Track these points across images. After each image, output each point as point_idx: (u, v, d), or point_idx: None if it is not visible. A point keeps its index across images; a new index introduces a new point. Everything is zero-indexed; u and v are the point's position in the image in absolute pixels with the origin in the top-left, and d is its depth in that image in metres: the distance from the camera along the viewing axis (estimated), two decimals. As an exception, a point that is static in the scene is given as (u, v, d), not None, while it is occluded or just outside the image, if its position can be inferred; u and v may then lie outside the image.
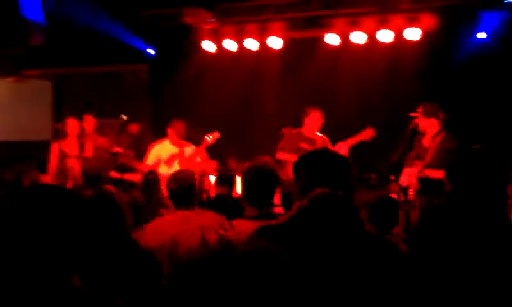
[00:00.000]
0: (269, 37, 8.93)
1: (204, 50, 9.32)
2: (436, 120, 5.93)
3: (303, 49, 8.91)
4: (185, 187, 3.87)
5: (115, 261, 2.97)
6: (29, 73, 10.80)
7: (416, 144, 6.11)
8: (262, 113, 9.23)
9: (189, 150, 7.26)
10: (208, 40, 9.26)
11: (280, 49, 8.99)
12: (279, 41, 8.93)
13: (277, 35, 8.92)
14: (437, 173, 5.02)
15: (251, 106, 9.40)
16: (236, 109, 9.27)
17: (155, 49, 9.95)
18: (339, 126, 7.60)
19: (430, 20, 8.02)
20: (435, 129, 5.90)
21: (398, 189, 6.05)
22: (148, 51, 9.93)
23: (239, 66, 9.23)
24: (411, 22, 8.13)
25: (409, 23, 8.13)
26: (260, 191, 3.42)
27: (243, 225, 3.18)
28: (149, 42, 9.87)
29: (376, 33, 8.30)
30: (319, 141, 6.95)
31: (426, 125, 5.99)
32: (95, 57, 10.09)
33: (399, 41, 8.21)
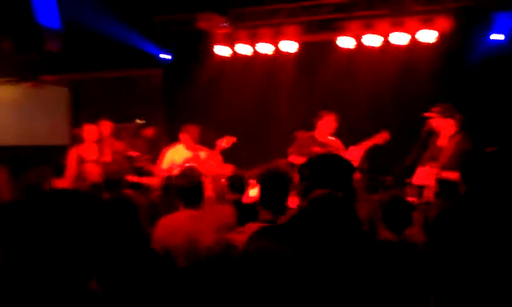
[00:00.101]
0: (283, 41, 8.97)
1: (218, 54, 9.38)
2: (453, 121, 5.91)
3: (317, 52, 8.93)
4: (193, 184, 3.89)
5: (130, 265, 3.01)
6: (46, 78, 10.92)
7: (430, 144, 6.09)
8: (277, 117, 9.26)
9: (203, 154, 7.26)
10: (222, 45, 9.32)
11: (294, 53, 9.02)
12: (293, 44, 8.96)
13: (291, 39, 8.95)
14: (454, 175, 5.01)
15: (265, 110, 9.42)
16: (250, 113, 9.30)
17: (169, 54, 10.02)
18: (353, 129, 7.60)
19: (444, 22, 8.01)
20: (452, 130, 5.87)
21: (414, 191, 6.04)
22: (163, 56, 10.01)
23: (253, 70, 9.27)
24: (425, 24, 8.11)
25: (423, 25, 8.12)
26: (274, 195, 3.47)
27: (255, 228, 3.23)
28: (163, 47, 9.95)
29: (390, 36, 8.30)
30: (332, 145, 6.89)
31: (442, 126, 5.96)
32: (111, 62, 10.20)
33: (413, 43, 8.19)
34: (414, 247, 3.27)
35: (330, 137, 7.03)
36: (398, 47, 8.28)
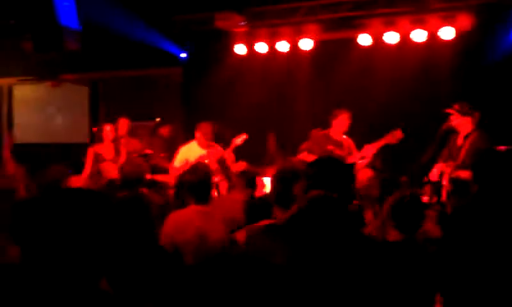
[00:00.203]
0: (301, 39, 8.92)
1: (236, 53, 9.38)
2: (471, 119, 5.82)
3: (335, 50, 8.86)
4: (202, 179, 3.88)
5: (140, 264, 3.01)
6: (66, 77, 11.05)
7: (450, 143, 6.01)
8: (294, 115, 9.20)
9: (217, 152, 7.24)
10: (240, 43, 9.31)
11: (312, 51, 8.97)
12: (311, 43, 8.91)
13: (309, 37, 8.90)
14: (467, 173, 4.93)
15: (282, 108, 9.38)
16: (268, 112, 9.29)
17: (187, 53, 10.05)
18: (371, 126, 7.54)
19: (465, 19, 7.89)
20: (468, 128, 5.79)
21: (431, 190, 5.96)
22: (181, 55, 10.04)
23: (271, 68, 9.26)
24: (446, 22, 8.01)
25: (443, 22, 8.01)
26: (288, 193, 3.43)
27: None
28: (182, 46, 9.98)
29: (410, 33, 8.20)
30: (346, 144, 6.85)
31: (460, 124, 5.88)
32: (130, 61, 10.27)
33: (433, 40, 8.09)
34: (421, 247, 3.19)
35: (344, 135, 6.97)
36: (417, 45, 8.18)
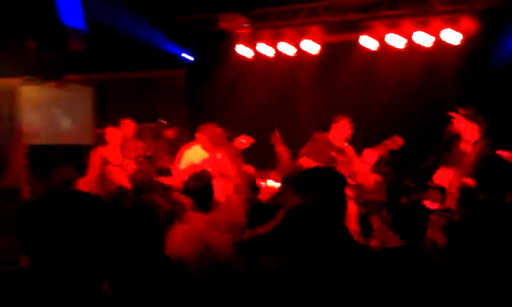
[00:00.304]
0: (305, 41, 8.92)
1: (239, 55, 9.38)
2: (476, 125, 5.79)
3: (339, 52, 8.86)
4: (204, 185, 3.88)
5: (144, 270, 3.04)
6: (71, 78, 11.05)
7: (453, 148, 5.98)
8: (298, 117, 9.21)
9: (220, 155, 7.16)
10: (244, 45, 9.32)
11: (315, 53, 8.96)
12: (315, 45, 8.91)
13: (313, 39, 8.89)
14: (474, 182, 4.91)
15: (286, 110, 9.38)
16: (271, 113, 9.29)
17: (191, 54, 10.06)
18: (375, 129, 7.53)
19: (469, 23, 7.88)
20: (475, 135, 5.75)
21: (436, 196, 5.95)
22: (185, 57, 10.05)
23: (275, 70, 9.26)
24: (449, 25, 8.01)
25: (447, 26, 8.01)
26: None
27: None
28: (186, 48, 9.99)
29: (414, 36, 8.20)
30: (347, 151, 6.79)
31: (464, 128, 5.84)
32: (134, 63, 10.27)
33: (437, 44, 8.09)
34: (420, 254, 3.17)
35: (345, 142, 6.89)
36: (421, 48, 8.18)
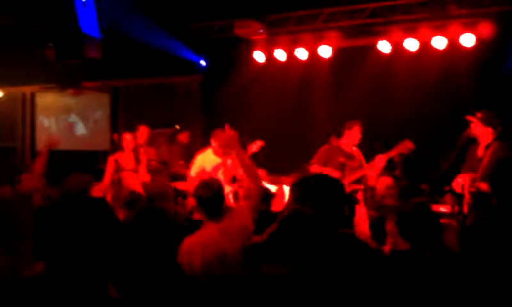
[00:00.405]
0: (321, 46, 8.92)
1: (255, 60, 9.40)
2: (491, 129, 5.70)
3: (354, 57, 8.84)
4: (214, 193, 3.84)
5: (153, 277, 3.04)
6: (88, 85, 11.16)
7: (470, 153, 5.89)
8: (313, 123, 9.19)
9: (230, 161, 7.09)
10: (259, 51, 9.34)
11: (331, 58, 8.96)
12: (330, 50, 8.90)
13: (329, 44, 8.89)
14: (486, 186, 4.81)
15: (301, 116, 9.37)
16: (287, 119, 9.29)
17: (206, 61, 10.10)
18: (391, 134, 7.47)
19: (485, 27, 7.81)
20: (489, 139, 5.67)
21: (453, 200, 5.87)
22: (201, 63, 10.10)
23: (290, 75, 9.26)
24: (466, 29, 7.94)
25: (464, 29, 7.95)
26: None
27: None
28: (201, 54, 10.03)
29: (430, 40, 8.15)
30: (356, 156, 6.73)
31: (480, 133, 5.73)
32: (150, 69, 10.35)
33: (453, 48, 8.02)
34: (427, 259, 3.11)
35: (354, 147, 6.81)
36: (437, 52, 8.12)
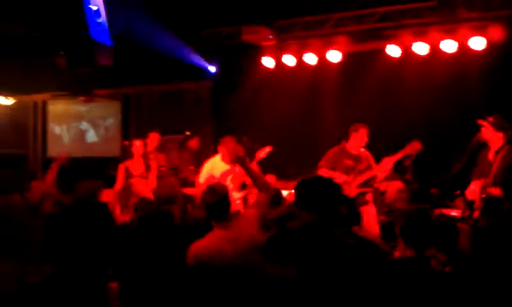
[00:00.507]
0: (330, 51, 8.91)
1: (264, 66, 9.43)
2: (502, 134, 5.64)
3: (363, 62, 8.83)
4: (221, 198, 3.85)
5: (158, 276, 3.07)
6: (99, 92, 11.24)
7: (481, 158, 5.83)
8: (322, 127, 9.17)
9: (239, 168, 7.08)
10: (268, 56, 9.36)
11: (340, 63, 8.95)
12: (339, 55, 8.89)
13: (338, 49, 8.88)
14: (498, 191, 4.76)
15: (311, 120, 9.37)
16: (297, 124, 9.29)
17: (216, 67, 10.14)
18: (401, 138, 7.43)
19: (496, 30, 7.77)
20: (499, 144, 5.61)
21: (463, 205, 5.82)
22: (210, 69, 10.14)
23: (299, 81, 9.27)
24: (476, 32, 7.91)
25: (474, 33, 7.91)
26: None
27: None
28: (210, 60, 10.07)
29: (440, 44, 8.12)
30: (364, 157, 6.72)
31: (491, 137, 5.67)
32: (161, 76, 10.40)
33: (463, 51, 7.99)
34: (427, 264, 3.07)
35: (361, 149, 6.76)
36: (447, 56, 8.09)
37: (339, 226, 2.73)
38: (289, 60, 9.28)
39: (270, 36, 9.14)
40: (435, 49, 8.17)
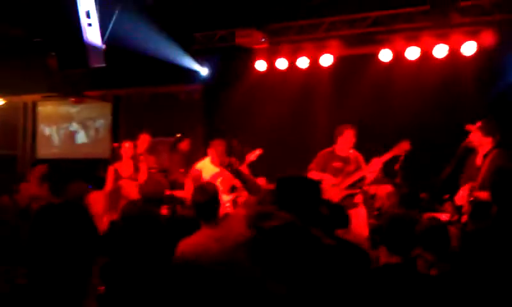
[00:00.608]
0: (323, 55, 8.93)
1: (257, 69, 9.42)
2: (491, 138, 5.65)
3: (356, 66, 8.84)
4: (210, 197, 3.83)
5: (143, 276, 3.04)
6: (89, 94, 11.19)
7: (469, 163, 5.83)
8: (314, 131, 9.16)
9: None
10: (261, 60, 9.36)
11: (332, 66, 8.97)
12: (331, 58, 8.91)
13: (330, 53, 8.91)
14: (486, 194, 4.76)
15: (303, 124, 9.37)
16: (289, 127, 9.28)
17: (208, 70, 10.12)
18: (392, 142, 7.44)
19: (488, 35, 7.79)
20: (488, 148, 5.62)
21: (452, 209, 5.82)
22: (202, 72, 10.12)
23: (292, 84, 9.26)
24: (468, 37, 7.93)
25: (466, 38, 7.94)
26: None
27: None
28: (202, 63, 10.05)
29: (432, 48, 8.14)
30: (352, 159, 6.73)
31: (480, 142, 5.69)
32: (152, 78, 10.37)
33: (454, 56, 8.00)
34: (411, 271, 3.05)
35: (350, 150, 6.79)
36: (438, 60, 8.11)
37: (319, 226, 2.71)
38: (282, 63, 9.28)
39: (263, 40, 9.14)
40: (426, 54, 8.18)
